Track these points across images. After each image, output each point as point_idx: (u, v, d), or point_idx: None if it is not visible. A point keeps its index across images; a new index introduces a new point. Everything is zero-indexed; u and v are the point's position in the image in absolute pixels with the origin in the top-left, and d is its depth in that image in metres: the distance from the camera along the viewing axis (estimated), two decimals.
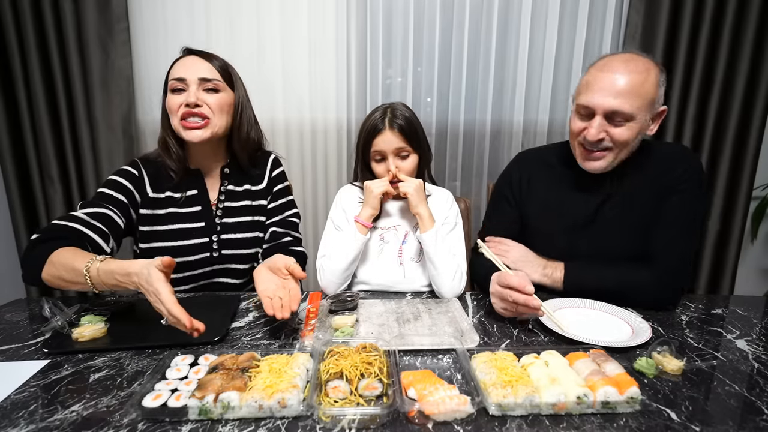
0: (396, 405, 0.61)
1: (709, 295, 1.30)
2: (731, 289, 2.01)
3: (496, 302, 0.93)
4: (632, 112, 0.95)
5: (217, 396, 0.62)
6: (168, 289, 0.76)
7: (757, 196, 2.02)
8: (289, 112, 1.92)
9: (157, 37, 1.84)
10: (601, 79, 0.97)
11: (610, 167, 1.03)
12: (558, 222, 1.13)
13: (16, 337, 0.86)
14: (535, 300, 0.86)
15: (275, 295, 0.90)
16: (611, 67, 0.98)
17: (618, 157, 1.02)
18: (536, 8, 1.87)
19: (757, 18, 1.76)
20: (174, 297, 0.76)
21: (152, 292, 0.77)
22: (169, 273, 0.80)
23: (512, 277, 0.89)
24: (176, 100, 1.08)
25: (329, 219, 1.29)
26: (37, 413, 0.63)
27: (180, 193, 1.15)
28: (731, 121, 1.86)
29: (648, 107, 0.96)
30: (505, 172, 1.27)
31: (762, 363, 0.78)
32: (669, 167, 1.05)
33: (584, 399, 0.62)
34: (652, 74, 0.96)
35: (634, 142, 1.00)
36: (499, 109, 1.98)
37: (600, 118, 0.98)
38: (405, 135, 1.15)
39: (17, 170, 1.87)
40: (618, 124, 0.97)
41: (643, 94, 0.95)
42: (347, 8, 1.84)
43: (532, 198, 1.18)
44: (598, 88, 0.97)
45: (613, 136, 0.98)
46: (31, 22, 1.72)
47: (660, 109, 1.00)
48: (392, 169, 1.15)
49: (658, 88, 0.97)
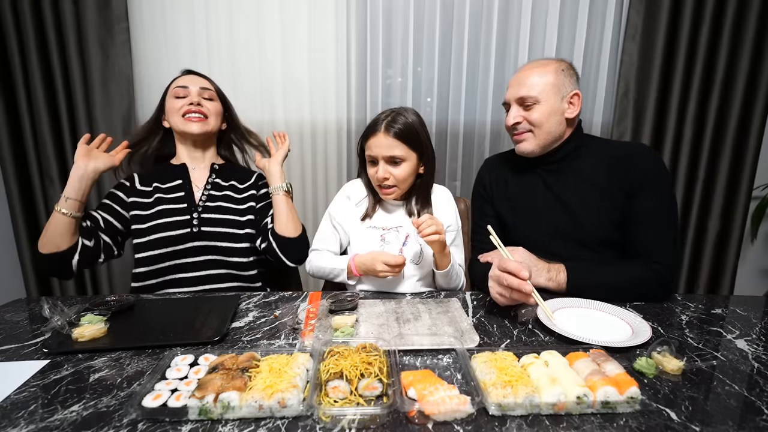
0: (396, 405, 0.61)
1: (709, 295, 1.30)
2: (731, 289, 2.01)
3: (493, 286, 0.97)
4: (536, 95, 1.12)
5: (217, 396, 0.62)
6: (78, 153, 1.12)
7: (757, 196, 2.02)
8: (289, 112, 1.92)
9: (157, 37, 1.84)
10: (512, 79, 1.19)
11: (538, 148, 1.17)
12: (526, 211, 1.23)
13: (16, 337, 0.86)
14: (527, 285, 0.89)
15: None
16: (520, 70, 1.18)
17: (541, 137, 1.15)
18: (536, 8, 1.87)
19: (757, 18, 1.76)
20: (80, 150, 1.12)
21: (77, 163, 1.11)
22: (89, 146, 1.14)
23: (510, 261, 0.93)
24: (179, 103, 1.25)
25: (327, 212, 1.29)
26: (37, 413, 0.63)
27: (166, 183, 1.28)
28: (731, 121, 1.86)
29: (552, 90, 1.12)
30: (478, 177, 1.38)
31: (762, 363, 0.78)
32: (631, 162, 1.11)
33: (584, 399, 0.62)
34: (551, 66, 1.14)
35: (549, 122, 1.13)
36: (499, 109, 1.97)
37: (515, 106, 1.17)
38: (401, 139, 1.14)
39: (17, 170, 1.87)
40: (529, 108, 1.14)
41: (542, 80, 1.12)
42: (347, 8, 1.85)
43: (502, 194, 1.29)
44: (510, 86, 1.18)
45: (528, 117, 1.14)
46: (31, 22, 1.72)
47: (572, 92, 1.14)
48: (380, 175, 1.16)
49: (559, 75, 1.13)
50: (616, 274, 1.07)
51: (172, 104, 1.25)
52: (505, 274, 0.92)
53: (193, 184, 1.28)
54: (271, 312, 0.99)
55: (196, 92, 1.26)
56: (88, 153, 1.13)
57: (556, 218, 1.19)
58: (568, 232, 1.17)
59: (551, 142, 1.17)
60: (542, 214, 1.21)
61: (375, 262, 1.11)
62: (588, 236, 1.15)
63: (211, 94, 1.29)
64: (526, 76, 1.15)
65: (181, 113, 1.24)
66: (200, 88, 1.27)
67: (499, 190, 1.30)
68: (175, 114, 1.24)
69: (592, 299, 1.01)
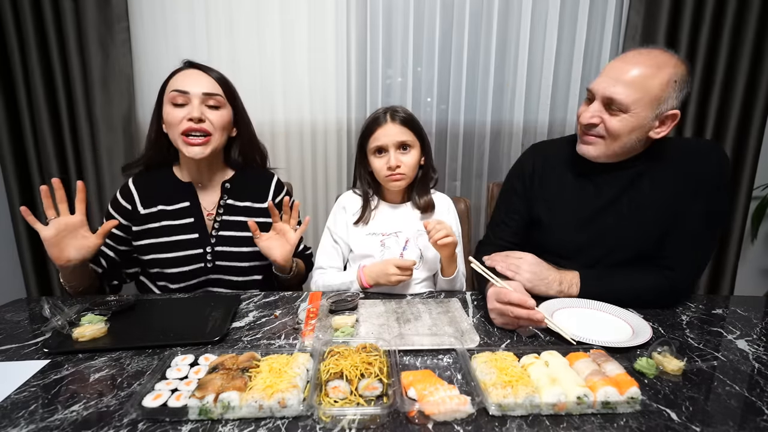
0: (396, 405, 0.61)
1: (710, 296, 1.30)
2: (731, 290, 2.01)
3: (496, 318, 0.91)
4: (627, 103, 0.93)
5: (217, 396, 0.62)
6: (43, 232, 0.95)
7: (757, 196, 2.02)
8: (289, 113, 1.92)
9: (157, 37, 1.84)
10: (611, 66, 0.97)
11: (603, 156, 1.02)
12: (567, 214, 1.11)
13: (16, 337, 0.86)
14: (538, 314, 0.85)
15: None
16: (626, 56, 0.97)
17: (611, 149, 0.99)
18: (536, 8, 1.87)
19: (757, 18, 1.76)
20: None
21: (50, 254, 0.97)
22: (55, 233, 0.95)
23: (512, 293, 0.87)
24: (178, 113, 1.06)
25: (326, 229, 1.29)
26: (37, 413, 0.63)
27: (172, 205, 1.16)
28: (731, 121, 1.86)
29: (649, 104, 0.93)
30: (518, 163, 1.23)
31: (762, 363, 0.78)
32: (694, 166, 1.00)
33: (584, 399, 0.62)
34: (664, 72, 0.92)
35: (628, 137, 0.97)
36: (499, 109, 1.98)
37: (598, 103, 0.98)
38: (407, 126, 1.17)
39: (17, 170, 1.87)
40: (613, 113, 0.96)
41: (645, 88, 0.92)
42: (347, 8, 1.84)
43: (543, 191, 1.15)
44: (605, 74, 0.97)
45: (606, 123, 0.97)
46: (31, 21, 1.72)
47: (669, 112, 0.95)
48: (391, 162, 1.16)
49: (668, 88, 0.92)
50: (631, 282, 1.01)
51: (171, 114, 1.07)
52: (510, 306, 0.86)
53: (203, 207, 1.17)
54: (271, 312, 0.99)
55: (198, 100, 1.06)
56: (57, 242, 0.96)
57: (601, 229, 1.06)
58: (609, 243, 1.06)
59: (622, 155, 1.01)
60: (586, 222, 1.08)
61: (387, 267, 1.10)
62: (628, 250, 1.05)
63: (217, 100, 1.09)
64: (628, 70, 0.93)
65: (180, 130, 1.06)
66: (203, 93, 1.07)
67: (539, 185, 1.15)
68: (173, 128, 1.08)
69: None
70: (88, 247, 1.00)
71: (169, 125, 1.09)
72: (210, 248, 1.15)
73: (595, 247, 1.08)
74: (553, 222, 1.12)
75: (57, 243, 0.96)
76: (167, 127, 1.10)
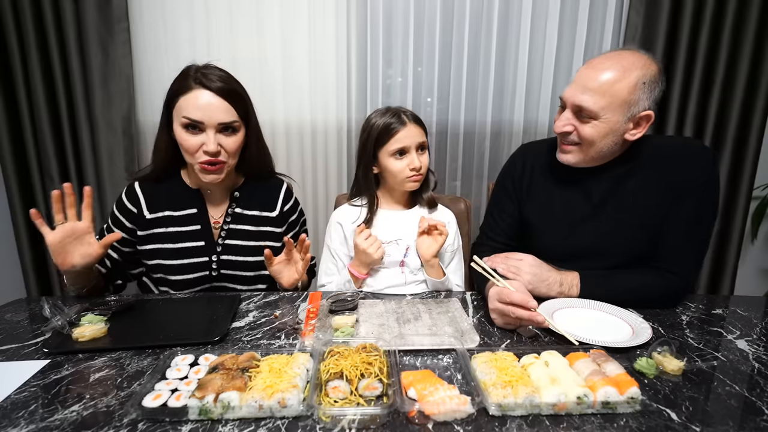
0: (396, 405, 0.61)
1: (710, 296, 1.30)
2: (731, 289, 2.00)
3: (497, 318, 0.91)
4: (596, 110, 0.93)
5: (217, 396, 0.62)
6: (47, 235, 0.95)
7: (757, 196, 2.02)
8: (289, 113, 1.92)
9: (157, 37, 1.83)
10: (579, 73, 0.97)
11: (582, 162, 1.03)
12: (557, 218, 1.12)
13: (16, 337, 0.86)
14: (539, 315, 0.85)
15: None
16: (593, 62, 0.97)
17: (588, 154, 1.01)
18: (536, 8, 1.87)
19: (757, 18, 1.76)
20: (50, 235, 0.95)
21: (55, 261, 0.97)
22: (61, 239, 0.96)
23: (514, 293, 0.87)
24: (192, 141, 1.02)
25: (325, 245, 1.29)
26: (37, 413, 0.63)
27: (179, 211, 1.15)
28: (731, 121, 1.86)
29: (619, 108, 0.92)
30: (508, 164, 1.24)
31: (762, 363, 0.78)
32: (682, 166, 1.01)
33: (584, 399, 0.62)
34: (631, 75, 0.91)
35: (602, 142, 0.97)
36: (499, 110, 1.98)
37: (569, 112, 0.98)
38: (423, 128, 1.19)
39: (17, 170, 1.86)
40: (584, 121, 0.96)
41: (612, 93, 0.92)
42: (347, 9, 1.84)
43: (531, 195, 1.17)
44: (574, 82, 0.98)
45: (579, 131, 0.98)
46: (31, 21, 1.72)
47: (643, 113, 0.94)
48: (416, 164, 1.16)
49: (636, 90, 0.92)
50: (631, 283, 1.02)
51: (184, 139, 1.03)
52: (511, 307, 0.86)
53: (210, 215, 1.16)
54: (271, 312, 0.99)
55: (214, 131, 1.02)
56: (62, 248, 0.96)
57: (590, 232, 1.07)
58: (598, 248, 1.07)
59: (600, 159, 1.02)
60: (575, 227, 1.09)
61: (363, 247, 1.14)
62: (620, 253, 1.06)
63: (233, 126, 1.05)
64: (595, 77, 0.93)
65: (196, 160, 1.04)
66: (218, 124, 1.02)
67: (527, 188, 1.16)
68: (188, 155, 1.05)
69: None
70: (91, 255, 1.00)
71: (184, 150, 1.06)
72: (216, 257, 1.15)
73: (587, 251, 1.09)
74: (543, 227, 1.14)
75: (62, 249, 0.97)
76: (181, 148, 1.06)
